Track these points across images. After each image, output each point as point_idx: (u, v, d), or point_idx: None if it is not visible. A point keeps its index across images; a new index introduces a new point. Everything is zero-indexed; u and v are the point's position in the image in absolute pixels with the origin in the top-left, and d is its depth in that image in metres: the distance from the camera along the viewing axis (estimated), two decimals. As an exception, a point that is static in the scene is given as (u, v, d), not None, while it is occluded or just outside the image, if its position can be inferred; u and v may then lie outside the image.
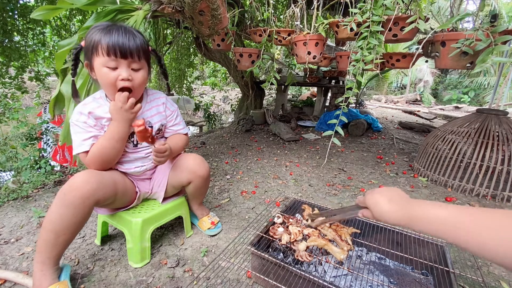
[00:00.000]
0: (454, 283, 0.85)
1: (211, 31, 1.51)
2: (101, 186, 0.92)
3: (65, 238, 0.91)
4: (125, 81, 0.92)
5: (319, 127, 3.85)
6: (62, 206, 0.87)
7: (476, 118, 2.06)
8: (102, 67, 0.90)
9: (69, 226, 0.89)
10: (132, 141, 1.10)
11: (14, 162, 2.07)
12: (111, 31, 0.89)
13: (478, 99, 10.26)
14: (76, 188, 0.87)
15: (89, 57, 0.93)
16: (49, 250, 0.91)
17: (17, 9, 2.92)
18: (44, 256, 0.91)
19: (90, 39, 0.90)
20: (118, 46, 0.88)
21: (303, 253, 0.97)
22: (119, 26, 0.92)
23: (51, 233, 0.89)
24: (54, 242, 0.90)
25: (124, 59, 0.90)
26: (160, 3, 1.39)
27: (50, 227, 0.88)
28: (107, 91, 1.00)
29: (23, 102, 5.27)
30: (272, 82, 1.87)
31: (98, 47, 0.88)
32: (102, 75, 0.91)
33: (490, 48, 1.29)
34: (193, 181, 1.18)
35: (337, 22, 1.62)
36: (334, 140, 1.44)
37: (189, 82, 5.06)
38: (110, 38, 0.88)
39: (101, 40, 0.88)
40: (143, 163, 1.15)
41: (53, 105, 1.38)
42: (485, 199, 1.83)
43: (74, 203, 0.87)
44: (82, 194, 0.87)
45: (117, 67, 0.91)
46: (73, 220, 0.89)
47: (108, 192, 0.96)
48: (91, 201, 0.90)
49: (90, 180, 0.89)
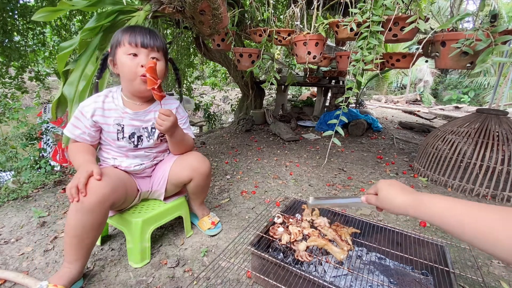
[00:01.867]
0: (454, 283, 0.85)
1: (212, 31, 1.51)
2: (114, 188, 0.95)
3: (89, 241, 0.95)
4: (144, 68, 0.97)
5: (319, 127, 3.85)
6: (81, 213, 0.88)
7: (476, 118, 2.06)
8: (124, 55, 0.98)
9: (91, 230, 0.93)
10: (133, 141, 1.10)
11: (14, 162, 2.07)
12: (134, 27, 1.01)
13: (478, 99, 10.26)
14: (92, 194, 0.88)
15: (114, 52, 1.01)
16: (75, 253, 0.94)
17: (17, 9, 2.92)
18: (71, 258, 0.95)
19: (115, 38, 1.01)
20: (139, 36, 0.98)
21: (303, 253, 0.97)
22: (141, 26, 1.06)
23: (75, 238, 0.92)
24: (79, 246, 0.93)
25: (144, 48, 0.98)
26: (160, 4, 1.39)
27: (73, 233, 0.91)
28: (127, 80, 1.02)
29: (23, 102, 5.28)
30: (272, 82, 1.87)
31: (121, 40, 0.98)
32: (123, 63, 0.98)
33: (490, 48, 1.29)
34: (194, 178, 1.18)
35: (337, 22, 1.62)
36: (334, 140, 1.44)
37: (189, 82, 5.07)
38: (132, 31, 0.99)
39: (125, 34, 0.98)
40: (142, 161, 1.16)
41: (55, 107, 1.38)
42: (485, 199, 1.83)
43: (92, 209, 0.88)
44: (99, 199, 0.88)
45: (137, 54, 0.98)
46: (94, 224, 0.92)
47: (121, 194, 1.00)
48: (108, 205, 0.93)
49: (104, 184, 0.91)
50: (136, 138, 1.11)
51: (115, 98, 1.08)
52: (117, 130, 1.07)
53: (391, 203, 0.66)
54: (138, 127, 1.10)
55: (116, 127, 1.06)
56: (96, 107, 1.03)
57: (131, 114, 1.08)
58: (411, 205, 0.61)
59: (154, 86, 0.96)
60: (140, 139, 1.12)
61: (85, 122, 1.03)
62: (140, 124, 1.10)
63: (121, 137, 1.08)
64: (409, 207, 0.61)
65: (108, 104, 1.06)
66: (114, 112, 1.06)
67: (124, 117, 1.07)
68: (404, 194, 0.64)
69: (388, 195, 0.67)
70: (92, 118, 1.02)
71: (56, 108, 1.38)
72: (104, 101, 1.05)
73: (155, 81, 0.95)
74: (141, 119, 1.10)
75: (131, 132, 1.09)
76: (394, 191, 0.66)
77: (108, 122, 1.05)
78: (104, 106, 1.05)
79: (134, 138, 1.10)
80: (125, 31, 0.99)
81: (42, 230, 1.38)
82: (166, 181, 1.18)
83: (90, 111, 1.02)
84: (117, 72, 1.04)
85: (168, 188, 1.21)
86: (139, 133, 1.11)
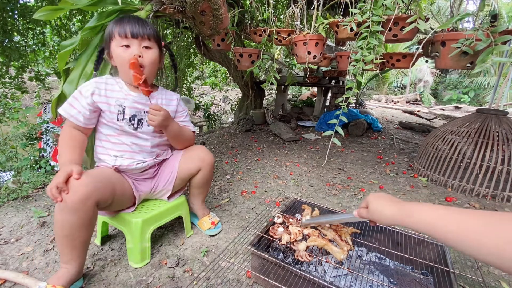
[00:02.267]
0: (454, 283, 0.85)
1: (213, 31, 1.51)
2: (98, 186, 0.92)
3: (81, 239, 0.94)
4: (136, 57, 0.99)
5: (319, 127, 3.85)
6: (65, 212, 0.87)
7: (476, 118, 2.06)
8: (117, 48, 1.00)
9: (80, 228, 0.91)
10: (133, 123, 1.10)
11: (14, 162, 2.07)
12: (122, 18, 1.02)
13: (478, 99, 10.26)
14: (74, 192, 0.86)
15: (108, 46, 1.04)
16: (69, 252, 0.94)
17: (17, 9, 2.91)
18: (66, 258, 0.95)
19: (107, 30, 1.02)
20: (128, 27, 0.99)
21: (303, 253, 0.97)
22: (129, 15, 1.07)
23: (65, 238, 0.91)
24: (71, 245, 0.93)
25: (135, 38, 1.00)
26: (161, 4, 1.39)
27: (62, 232, 0.91)
28: (123, 71, 1.05)
29: (23, 102, 5.28)
30: (272, 82, 1.87)
31: (113, 33, 1.00)
32: (117, 55, 1.01)
33: (490, 48, 1.29)
34: (202, 168, 1.23)
35: (337, 22, 1.62)
36: (334, 140, 1.45)
37: (189, 82, 5.06)
38: (122, 22, 1.00)
39: (115, 26, 1.00)
40: (144, 158, 1.14)
41: (55, 105, 1.38)
42: (485, 199, 1.83)
43: (76, 207, 0.87)
44: (80, 197, 0.86)
45: (129, 45, 1.00)
46: (81, 223, 0.90)
47: (106, 192, 0.96)
48: (91, 203, 0.89)
49: (85, 182, 0.88)
50: (137, 121, 1.10)
51: (118, 82, 1.09)
52: (117, 111, 1.06)
53: (380, 215, 0.68)
54: (140, 110, 1.11)
55: (117, 107, 1.06)
56: (97, 87, 1.03)
57: (134, 96, 1.09)
58: (400, 214, 0.63)
59: (139, 82, 0.97)
60: (140, 123, 1.11)
61: (82, 101, 1.01)
62: (142, 107, 1.11)
63: (121, 118, 1.07)
64: (398, 217, 0.63)
65: (111, 85, 1.07)
66: (117, 93, 1.07)
67: (126, 98, 1.07)
68: (392, 205, 0.66)
69: (377, 207, 0.70)
70: (92, 97, 1.01)
71: (56, 106, 1.38)
72: (107, 82, 1.07)
73: (139, 77, 0.97)
74: (143, 103, 1.11)
75: (132, 114, 1.09)
76: (382, 203, 0.69)
77: (109, 102, 1.05)
78: (107, 87, 1.06)
79: (135, 120, 1.10)
80: (115, 23, 1.01)
81: (42, 230, 1.38)
82: (175, 177, 1.21)
83: (90, 90, 1.01)
84: (114, 65, 1.07)
85: (176, 183, 1.23)
86: (140, 116, 1.11)
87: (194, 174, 1.25)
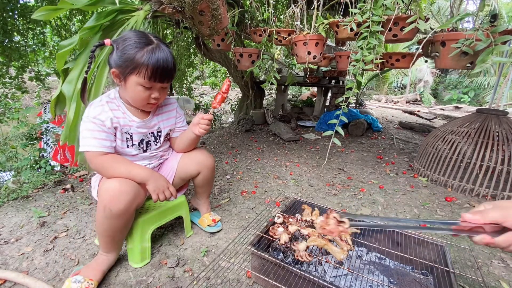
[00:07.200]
0: (454, 283, 0.85)
1: (212, 31, 1.51)
2: (137, 193, 0.99)
3: (121, 237, 1.06)
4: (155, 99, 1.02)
5: (319, 127, 3.85)
6: (110, 218, 0.95)
7: (476, 118, 2.06)
8: (138, 85, 0.95)
9: (122, 229, 1.02)
10: (142, 147, 1.14)
11: (14, 162, 2.07)
12: (158, 59, 0.92)
13: (478, 99, 10.25)
14: (119, 202, 0.93)
15: (124, 71, 0.94)
16: (110, 246, 1.06)
17: (17, 9, 2.92)
18: (107, 250, 1.07)
19: (135, 60, 0.91)
20: (159, 74, 0.94)
21: (303, 253, 0.97)
22: (161, 50, 0.94)
23: (108, 237, 1.02)
24: (113, 241, 1.05)
25: (161, 83, 0.99)
26: (160, 3, 1.39)
27: (106, 233, 1.01)
28: (133, 102, 1.05)
29: (23, 102, 5.27)
30: (272, 82, 1.87)
31: (141, 69, 0.92)
32: (136, 92, 0.97)
33: (490, 48, 1.29)
34: (201, 171, 1.25)
35: (337, 22, 1.62)
36: (334, 140, 1.45)
37: (189, 82, 5.06)
38: (156, 66, 0.92)
39: (145, 63, 0.91)
40: (150, 161, 1.19)
41: (54, 105, 1.38)
42: (485, 199, 1.83)
43: (120, 215, 0.96)
44: (126, 206, 0.94)
45: (151, 87, 0.98)
46: (124, 225, 1.01)
47: (142, 196, 1.04)
48: (133, 209, 1.00)
49: (128, 190, 0.95)
50: (145, 144, 1.14)
51: (119, 106, 1.05)
52: (126, 139, 1.07)
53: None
54: (145, 133, 1.13)
55: (125, 135, 1.07)
56: (109, 116, 1.00)
57: (138, 122, 1.08)
58: None
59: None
60: (148, 145, 1.15)
61: (108, 131, 1.00)
62: (146, 130, 1.12)
63: (131, 144, 1.09)
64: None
65: (115, 112, 1.03)
66: (122, 120, 1.04)
67: (131, 125, 1.07)
68: None
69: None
70: (113, 126, 1.01)
71: (55, 106, 1.38)
72: (111, 109, 1.02)
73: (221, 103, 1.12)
74: (147, 126, 1.12)
75: (140, 139, 1.11)
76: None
77: (121, 135, 1.06)
78: (114, 114, 1.02)
79: (143, 144, 1.13)
80: (148, 60, 0.91)
81: (42, 230, 1.38)
82: (174, 174, 1.22)
83: (108, 119, 0.99)
84: (119, 84, 1.01)
85: (175, 182, 1.24)
86: (147, 139, 1.14)
87: (195, 176, 1.26)
